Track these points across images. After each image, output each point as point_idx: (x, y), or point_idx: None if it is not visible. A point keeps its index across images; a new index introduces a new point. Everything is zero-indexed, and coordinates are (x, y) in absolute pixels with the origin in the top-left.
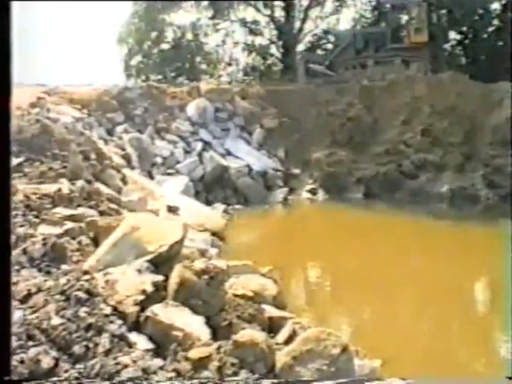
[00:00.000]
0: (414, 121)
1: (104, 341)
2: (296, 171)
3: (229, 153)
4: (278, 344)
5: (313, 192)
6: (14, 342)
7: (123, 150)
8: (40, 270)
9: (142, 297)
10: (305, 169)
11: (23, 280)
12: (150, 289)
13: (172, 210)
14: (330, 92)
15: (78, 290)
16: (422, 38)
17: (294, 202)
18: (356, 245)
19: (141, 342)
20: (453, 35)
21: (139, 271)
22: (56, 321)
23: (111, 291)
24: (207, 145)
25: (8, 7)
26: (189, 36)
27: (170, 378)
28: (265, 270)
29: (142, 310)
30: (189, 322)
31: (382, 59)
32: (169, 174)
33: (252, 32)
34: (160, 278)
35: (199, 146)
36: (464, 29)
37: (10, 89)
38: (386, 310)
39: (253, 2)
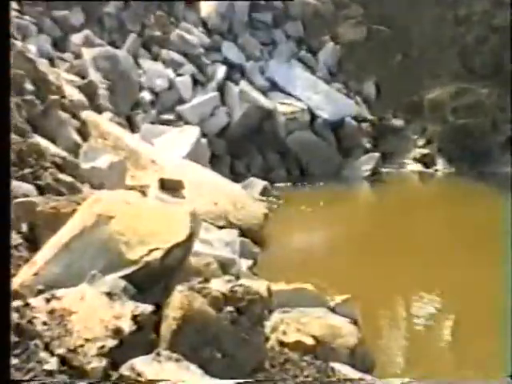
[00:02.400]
0: None
1: None
2: (396, 122)
3: (274, 85)
4: None
5: (426, 160)
6: None
7: (83, 77)
8: None
9: (114, 342)
10: (413, 118)
11: None
12: (128, 327)
13: (170, 186)
14: None
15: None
16: None
17: (391, 177)
18: (500, 259)
19: None
20: None
21: (110, 295)
22: None
23: (60, 330)
24: (235, 70)
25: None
26: None
27: None
28: (336, 301)
29: (115, 365)
30: None
31: None
32: (165, 123)
33: None
34: (148, 308)
35: (221, 71)
36: None
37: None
38: None
39: None
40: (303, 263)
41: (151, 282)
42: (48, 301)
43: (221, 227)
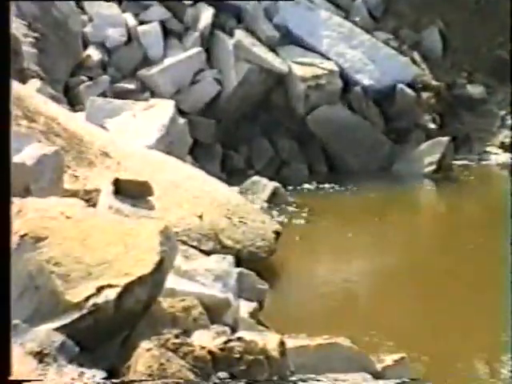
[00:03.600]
0: None
1: None
2: (473, 90)
3: (288, 36)
4: None
5: None
6: None
7: None
8: None
9: None
10: (499, 85)
11: None
12: None
13: (132, 191)
14: None
15: None
16: None
17: (467, 174)
18: None
19: None
20: None
21: (41, 356)
22: None
23: None
24: (228, 13)
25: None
26: None
27: None
28: (386, 362)
29: None
30: None
31: None
32: (123, 96)
33: None
34: (97, 375)
35: (206, 16)
36: None
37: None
38: None
39: None
40: (334, 306)
41: (103, 335)
42: None
43: (208, 252)
